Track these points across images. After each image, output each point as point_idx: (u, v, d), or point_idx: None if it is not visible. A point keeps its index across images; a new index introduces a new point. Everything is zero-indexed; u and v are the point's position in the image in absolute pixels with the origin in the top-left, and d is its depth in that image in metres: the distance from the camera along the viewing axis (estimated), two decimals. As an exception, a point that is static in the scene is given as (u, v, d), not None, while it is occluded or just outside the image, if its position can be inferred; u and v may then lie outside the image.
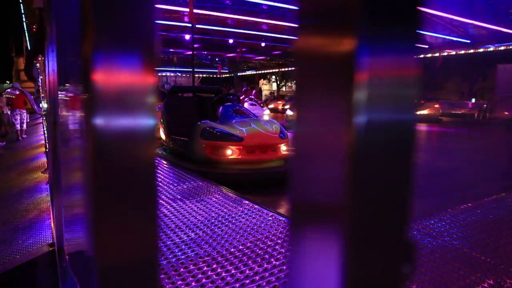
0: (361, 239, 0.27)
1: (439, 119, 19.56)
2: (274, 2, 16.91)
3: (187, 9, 12.14)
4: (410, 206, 0.28)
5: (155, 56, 0.32)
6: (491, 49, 21.03)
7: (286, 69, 33.38)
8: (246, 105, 10.17)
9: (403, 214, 0.27)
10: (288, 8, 17.23)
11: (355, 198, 0.25)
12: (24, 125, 13.11)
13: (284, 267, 1.96)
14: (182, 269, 2.00)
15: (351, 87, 0.23)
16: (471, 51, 22.06)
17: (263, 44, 24.34)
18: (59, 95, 1.74)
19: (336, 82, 0.25)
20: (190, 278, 1.91)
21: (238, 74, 39.15)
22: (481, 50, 21.53)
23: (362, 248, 0.27)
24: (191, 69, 13.07)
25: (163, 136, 7.41)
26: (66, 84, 1.39)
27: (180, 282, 1.87)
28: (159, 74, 35.72)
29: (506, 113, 19.02)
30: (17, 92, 12.53)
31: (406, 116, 0.27)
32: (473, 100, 23.97)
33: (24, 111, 13.10)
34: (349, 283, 0.27)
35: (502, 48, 20.43)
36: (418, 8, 0.26)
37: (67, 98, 1.46)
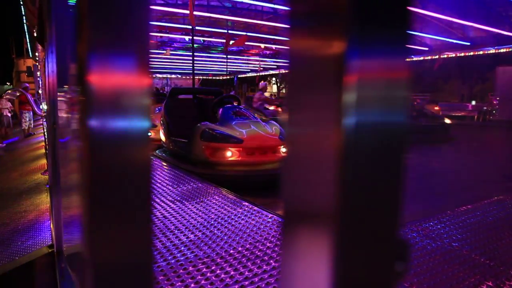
0: (353, 239, 0.27)
1: (439, 121, 19.56)
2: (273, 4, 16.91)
3: (187, 11, 12.15)
4: (401, 205, 0.28)
5: (149, 57, 0.32)
6: (491, 51, 21.04)
7: (287, 71, 33.34)
8: None
9: (395, 213, 0.27)
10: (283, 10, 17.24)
11: (346, 199, 0.25)
12: (31, 124, 13.27)
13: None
14: (181, 271, 2.00)
15: (341, 89, 0.24)
16: (471, 53, 22.06)
17: (262, 46, 24.32)
18: (59, 97, 1.75)
19: (326, 84, 0.25)
20: (189, 280, 1.91)
21: (239, 76, 39.17)
22: (481, 52, 21.53)
23: (355, 248, 0.27)
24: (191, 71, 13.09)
25: (163, 137, 7.41)
26: (65, 86, 1.40)
27: (179, 283, 1.87)
28: (160, 76, 35.70)
29: (506, 115, 19.04)
30: (17, 94, 12.56)
31: (397, 118, 0.27)
32: (473, 102, 23.99)
33: (30, 111, 13.26)
34: (343, 283, 0.27)
35: (502, 50, 20.43)
36: (408, 10, 0.26)
37: (66, 99, 1.47)
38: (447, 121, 13.25)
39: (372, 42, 0.25)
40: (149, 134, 0.37)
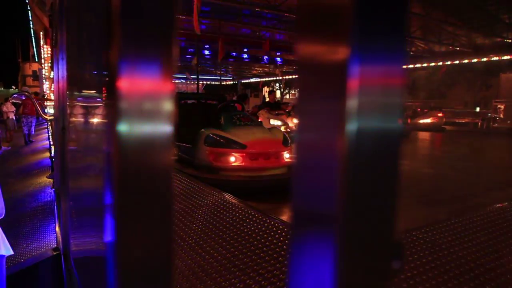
0: (357, 241, 0.29)
1: (443, 128, 19.54)
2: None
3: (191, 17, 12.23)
4: (398, 206, 0.30)
5: (174, 64, 0.35)
6: (495, 58, 21.03)
7: (289, 76, 33.48)
8: None
9: (393, 214, 0.30)
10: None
11: (351, 202, 0.27)
12: (32, 129, 13.29)
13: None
14: (187, 273, 2.02)
15: (346, 95, 0.26)
16: (475, 60, 22.08)
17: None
18: (70, 102, 1.78)
19: (330, 90, 0.27)
20: (196, 282, 1.92)
21: (242, 81, 39.29)
22: (485, 59, 21.54)
23: (358, 249, 0.29)
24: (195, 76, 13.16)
25: (167, 142, 7.43)
26: (84, 91, 1.42)
27: (185, 285, 1.89)
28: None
29: (509, 122, 18.99)
30: (23, 98, 12.63)
31: (395, 123, 0.29)
32: (478, 109, 23.94)
33: (35, 116, 13.28)
34: (347, 281, 0.29)
35: (506, 57, 20.42)
36: (406, 19, 0.29)
37: (80, 105, 1.50)
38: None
39: (374, 50, 0.27)
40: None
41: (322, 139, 0.29)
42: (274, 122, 10.42)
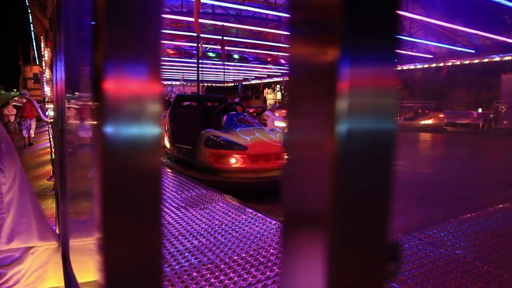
0: (349, 242, 0.29)
1: (444, 129, 19.56)
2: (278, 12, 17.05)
3: (192, 19, 12.26)
4: (391, 207, 0.30)
5: (160, 65, 0.34)
6: (496, 59, 21.02)
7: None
8: None
9: (386, 215, 0.29)
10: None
11: (340, 205, 0.27)
12: (32, 132, 13.32)
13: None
14: (185, 277, 2.02)
15: (336, 96, 0.25)
16: (476, 61, 22.08)
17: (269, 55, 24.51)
18: (68, 104, 1.78)
19: (320, 91, 0.27)
20: (193, 286, 1.92)
21: (243, 83, 39.39)
22: (486, 60, 21.53)
23: (351, 251, 0.29)
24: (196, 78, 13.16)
25: (167, 144, 7.45)
26: (76, 93, 1.42)
27: (189, 283, 1.89)
28: (165, 83, 35.91)
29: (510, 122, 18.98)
30: (24, 100, 12.66)
31: (387, 124, 0.29)
32: (480, 110, 23.91)
33: (33, 119, 13.32)
34: (340, 284, 0.29)
35: (507, 58, 20.41)
36: (397, 21, 0.28)
37: (76, 107, 1.50)
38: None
39: (364, 51, 0.27)
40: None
41: (312, 140, 0.29)
42: (279, 124, 10.51)
